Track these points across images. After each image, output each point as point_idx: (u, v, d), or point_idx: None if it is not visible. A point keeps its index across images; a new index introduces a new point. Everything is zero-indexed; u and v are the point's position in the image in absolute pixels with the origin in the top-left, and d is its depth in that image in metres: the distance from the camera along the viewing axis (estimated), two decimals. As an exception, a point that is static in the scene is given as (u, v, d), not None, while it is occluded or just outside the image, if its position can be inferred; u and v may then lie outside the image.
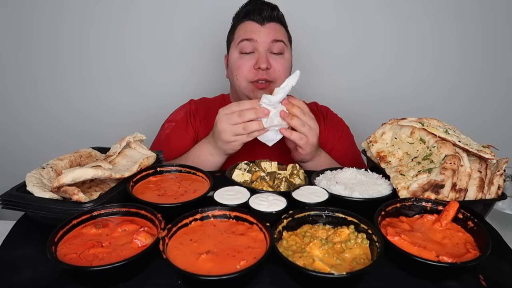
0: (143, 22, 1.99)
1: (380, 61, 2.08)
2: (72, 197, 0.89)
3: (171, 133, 1.54)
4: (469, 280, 0.75)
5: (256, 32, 1.46)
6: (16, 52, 2.02)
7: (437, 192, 0.95)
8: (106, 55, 2.04)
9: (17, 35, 1.99)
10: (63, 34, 1.99)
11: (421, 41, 2.06)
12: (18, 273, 0.76)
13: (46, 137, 2.12)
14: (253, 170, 1.10)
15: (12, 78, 2.06)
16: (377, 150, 1.16)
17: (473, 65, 2.09)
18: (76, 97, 2.10)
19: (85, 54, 2.03)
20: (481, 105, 2.15)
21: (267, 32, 1.46)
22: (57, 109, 2.11)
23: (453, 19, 2.02)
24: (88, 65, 2.06)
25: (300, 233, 0.83)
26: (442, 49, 2.07)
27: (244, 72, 1.46)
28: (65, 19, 1.97)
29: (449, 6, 2.00)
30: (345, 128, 1.66)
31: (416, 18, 2.02)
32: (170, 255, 0.72)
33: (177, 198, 0.95)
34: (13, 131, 2.14)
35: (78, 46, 2.02)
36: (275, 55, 1.47)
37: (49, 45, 2.01)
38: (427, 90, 2.13)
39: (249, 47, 1.46)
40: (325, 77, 2.09)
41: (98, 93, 2.10)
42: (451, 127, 1.14)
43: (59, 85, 2.08)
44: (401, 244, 0.77)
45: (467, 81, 2.12)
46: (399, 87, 2.12)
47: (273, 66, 1.45)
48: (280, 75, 1.46)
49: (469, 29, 2.03)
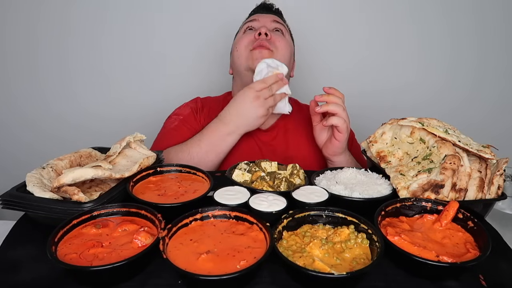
0: (145, 22, 2.00)
1: (375, 60, 2.09)
2: (72, 197, 0.89)
3: (180, 124, 1.52)
4: (469, 280, 0.75)
5: (259, 16, 1.58)
6: (21, 51, 2.02)
7: (437, 192, 0.95)
8: (109, 55, 2.04)
9: (20, 35, 1.99)
10: (67, 33, 2.00)
11: (416, 39, 2.06)
12: (18, 273, 0.76)
13: (46, 137, 2.12)
14: (253, 170, 1.10)
15: (14, 78, 2.06)
16: (377, 150, 1.16)
17: (470, 64, 2.09)
18: (78, 97, 2.10)
19: (89, 54, 2.04)
20: (481, 105, 2.15)
21: (269, 17, 1.58)
22: (57, 108, 2.11)
23: (447, 16, 2.02)
24: (91, 65, 2.06)
25: (300, 233, 0.83)
26: (437, 47, 2.07)
27: (245, 42, 1.50)
28: (70, 17, 1.98)
29: (443, 3, 2.00)
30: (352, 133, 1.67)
31: (411, 16, 2.02)
32: (170, 255, 0.72)
33: (177, 198, 0.95)
34: (13, 131, 2.14)
35: (81, 46, 2.02)
36: (276, 32, 1.54)
37: (52, 45, 2.01)
38: (423, 88, 2.13)
39: (252, 25, 1.55)
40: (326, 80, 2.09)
41: (101, 93, 2.10)
42: (451, 127, 1.14)
43: (61, 84, 2.08)
44: (401, 244, 0.77)
45: (467, 80, 2.12)
46: (395, 85, 2.12)
47: (273, 38, 1.49)
48: (282, 45, 1.50)
49: (462, 30, 2.04)
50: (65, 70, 2.07)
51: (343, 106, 1.28)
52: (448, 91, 2.14)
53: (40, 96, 2.09)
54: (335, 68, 2.11)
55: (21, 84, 2.07)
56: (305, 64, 1.91)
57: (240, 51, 1.51)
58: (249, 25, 1.57)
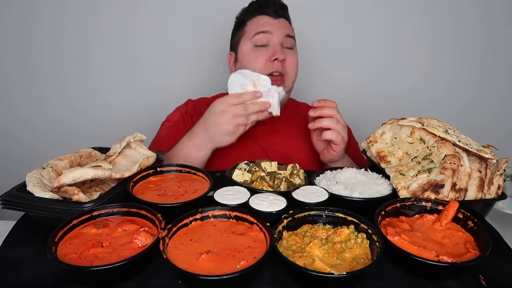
0: (144, 22, 1.99)
1: (378, 62, 2.09)
2: (72, 197, 0.89)
3: (168, 132, 1.53)
4: (469, 280, 0.75)
5: (270, 25, 1.48)
6: (17, 52, 2.02)
7: (437, 192, 0.95)
8: (107, 55, 2.04)
9: (18, 36, 1.99)
10: (65, 34, 1.99)
11: (420, 40, 2.05)
12: (18, 273, 0.76)
13: (46, 137, 2.12)
14: (253, 170, 1.10)
15: (12, 78, 2.06)
16: (377, 150, 1.16)
17: (472, 64, 2.09)
18: (76, 97, 2.10)
19: (86, 54, 2.03)
20: (481, 105, 2.15)
21: (280, 26, 1.50)
22: (57, 109, 2.11)
23: (451, 18, 2.02)
24: (89, 65, 2.06)
25: (300, 233, 0.83)
26: (441, 49, 2.07)
27: (260, 65, 1.45)
28: (67, 19, 1.97)
29: (447, 5, 2.00)
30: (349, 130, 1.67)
31: (415, 17, 2.02)
32: (170, 255, 0.72)
33: (177, 198, 0.95)
34: (14, 131, 2.14)
35: (79, 46, 2.02)
36: (288, 49, 1.50)
37: (51, 45, 2.01)
38: (426, 90, 2.12)
39: (264, 40, 1.47)
40: (324, 77, 2.10)
41: (99, 93, 2.10)
42: (451, 127, 1.14)
43: (60, 84, 2.08)
44: (401, 244, 0.77)
45: (467, 80, 2.12)
46: (399, 87, 2.12)
47: (287, 60, 1.47)
48: (292, 69, 1.49)
49: (467, 27, 2.03)
50: (64, 71, 2.06)
51: (336, 118, 1.26)
52: (449, 93, 2.13)
53: (40, 97, 2.09)
54: (335, 68, 2.10)
55: (21, 85, 2.07)
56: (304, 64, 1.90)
57: None
58: (261, 39, 1.47)
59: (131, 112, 2.12)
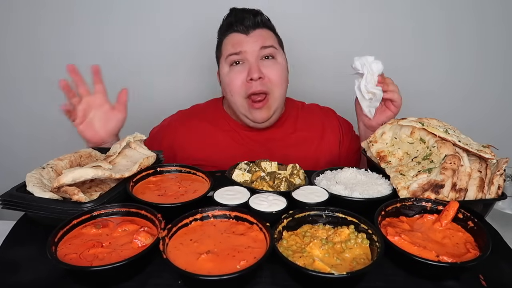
0: (144, 23, 1.99)
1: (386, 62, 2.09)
2: (72, 197, 0.89)
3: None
4: (469, 280, 0.75)
5: (242, 43, 1.38)
6: (21, 51, 2.02)
7: (437, 192, 0.95)
8: (106, 56, 2.04)
9: (20, 35, 2.00)
10: (65, 34, 2.00)
11: (420, 40, 2.06)
12: (18, 273, 0.76)
13: (47, 137, 2.12)
14: (253, 170, 1.10)
15: (13, 78, 2.06)
16: (377, 150, 1.16)
17: (469, 63, 2.10)
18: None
19: (86, 55, 2.03)
20: (481, 104, 2.15)
21: (253, 41, 1.38)
22: (58, 108, 2.10)
23: (446, 23, 2.03)
24: (89, 65, 2.05)
25: (300, 233, 0.83)
26: (441, 50, 2.07)
27: (237, 87, 1.38)
28: (67, 19, 1.98)
29: (445, 4, 2.00)
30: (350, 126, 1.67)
31: (415, 17, 2.02)
32: (170, 255, 0.72)
33: (177, 198, 0.95)
34: (14, 131, 2.14)
35: (79, 46, 2.02)
36: (267, 61, 1.40)
37: (54, 45, 2.02)
38: (427, 90, 2.12)
39: (238, 59, 1.39)
40: (322, 78, 2.09)
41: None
42: (451, 127, 1.14)
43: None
44: (401, 244, 0.77)
45: (467, 80, 2.12)
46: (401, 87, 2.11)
47: (266, 75, 1.37)
48: (276, 82, 1.39)
49: (461, 31, 2.04)
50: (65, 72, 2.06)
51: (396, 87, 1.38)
52: (448, 91, 2.14)
53: (41, 97, 2.08)
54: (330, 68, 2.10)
55: (22, 84, 2.07)
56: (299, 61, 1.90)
57: (235, 96, 1.40)
58: (235, 59, 1.39)
59: (131, 112, 2.11)
